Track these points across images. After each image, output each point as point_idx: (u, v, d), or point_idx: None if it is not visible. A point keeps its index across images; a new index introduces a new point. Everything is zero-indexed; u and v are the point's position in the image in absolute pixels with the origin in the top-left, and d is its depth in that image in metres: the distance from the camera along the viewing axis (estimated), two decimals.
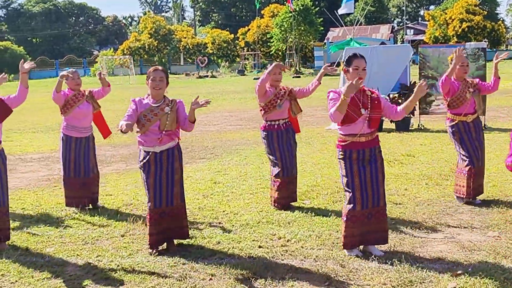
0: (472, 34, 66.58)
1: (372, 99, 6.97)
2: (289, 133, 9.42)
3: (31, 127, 22.49)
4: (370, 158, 6.99)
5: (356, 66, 6.91)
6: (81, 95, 9.82)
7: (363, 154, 6.97)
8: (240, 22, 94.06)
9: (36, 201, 10.54)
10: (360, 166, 6.95)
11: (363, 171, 6.95)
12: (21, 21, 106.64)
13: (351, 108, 6.84)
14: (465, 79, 9.35)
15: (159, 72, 7.44)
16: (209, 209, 9.55)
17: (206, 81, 57.23)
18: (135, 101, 7.46)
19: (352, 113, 6.85)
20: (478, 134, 9.32)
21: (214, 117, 24.55)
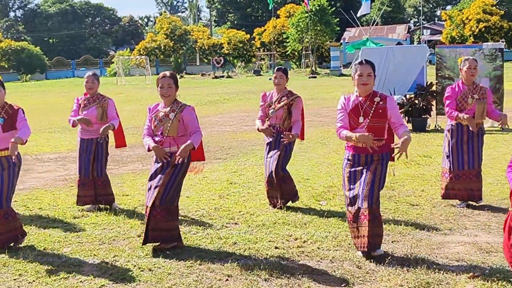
0: (489, 34, 66.25)
1: (377, 107, 6.94)
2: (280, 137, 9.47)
3: (48, 127, 22.58)
4: (365, 162, 7.00)
5: (360, 73, 6.92)
6: (93, 100, 9.80)
7: (359, 159, 7.00)
8: (256, 22, 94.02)
9: (53, 201, 10.58)
10: (352, 168, 7.03)
11: (354, 173, 7.01)
12: (38, 22, 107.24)
13: (351, 116, 6.96)
14: (474, 83, 9.26)
15: (167, 79, 7.49)
16: (225, 209, 9.56)
17: (222, 81, 57.28)
18: (150, 108, 7.68)
19: (351, 122, 6.93)
20: (471, 139, 9.21)
21: (230, 118, 24.56)
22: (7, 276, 6.80)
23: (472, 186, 9.26)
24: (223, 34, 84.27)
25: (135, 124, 21.58)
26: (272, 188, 9.46)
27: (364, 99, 6.97)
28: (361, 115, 6.87)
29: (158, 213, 7.41)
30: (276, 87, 9.53)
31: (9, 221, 7.78)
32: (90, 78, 9.83)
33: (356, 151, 6.99)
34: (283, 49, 74.46)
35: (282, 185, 9.44)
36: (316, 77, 56.77)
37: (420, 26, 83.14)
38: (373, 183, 6.91)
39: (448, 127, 9.35)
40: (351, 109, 6.95)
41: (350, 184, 7.00)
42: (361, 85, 6.94)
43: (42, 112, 29.71)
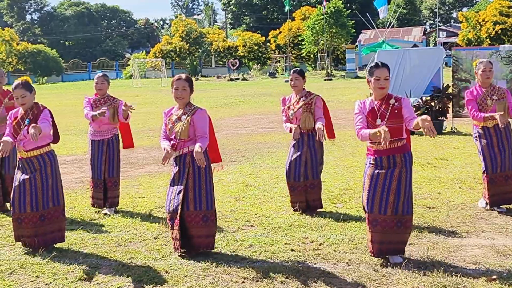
0: (505, 36, 65.86)
1: (392, 108, 6.92)
2: (314, 136, 9.34)
3: (64, 129, 22.65)
4: (388, 165, 6.95)
5: (378, 77, 6.88)
6: (103, 101, 9.83)
7: (381, 161, 6.95)
8: (272, 25, 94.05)
9: (69, 203, 10.60)
10: (375, 171, 6.96)
11: (377, 176, 6.94)
12: (54, 24, 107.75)
13: (368, 120, 6.93)
14: (491, 85, 9.21)
15: (182, 81, 7.47)
16: (241, 212, 9.56)
17: (237, 83, 57.32)
18: (165, 112, 7.72)
19: (368, 125, 6.92)
20: (501, 140, 9.14)
21: (245, 120, 24.57)
22: (24, 278, 6.84)
23: (506, 189, 9.17)
24: (238, 37, 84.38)
25: (151, 127, 21.60)
26: (295, 193, 9.37)
27: (379, 102, 6.95)
28: (378, 117, 6.84)
29: (193, 219, 7.38)
30: (293, 89, 9.48)
31: (45, 223, 7.84)
32: (100, 79, 9.88)
33: (378, 154, 6.95)
34: (298, 51, 74.52)
35: (309, 190, 9.33)
36: (331, 80, 56.70)
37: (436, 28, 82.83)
38: (399, 191, 6.91)
39: (475, 134, 9.23)
40: (368, 112, 6.94)
41: (370, 187, 6.95)
42: (378, 89, 6.91)
43: (58, 114, 29.74)
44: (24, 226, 7.74)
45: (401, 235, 6.93)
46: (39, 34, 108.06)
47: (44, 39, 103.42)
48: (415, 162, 12.83)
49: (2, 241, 8.34)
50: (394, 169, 6.90)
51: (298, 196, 9.33)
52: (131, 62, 73.34)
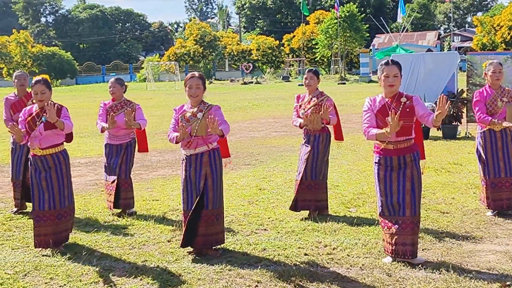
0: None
1: (404, 106, 6.91)
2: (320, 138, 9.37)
3: (78, 131, 22.73)
4: (399, 166, 6.94)
5: (387, 74, 6.89)
6: (120, 106, 9.87)
7: (391, 162, 6.94)
8: (285, 29, 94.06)
9: (83, 205, 10.65)
10: (387, 173, 6.95)
11: (389, 178, 6.93)
12: (69, 27, 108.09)
13: (379, 117, 6.90)
14: (501, 87, 9.17)
15: (196, 80, 7.50)
16: (254, 215, 9.56)
17: (251, 87, 57.34)
18: (176, 109, 7.70)
19: (379, 122, 6.88)
20: (506, 145, 9.08)
21: (259, 123, 24.58)
22: (39, 280, 6.87)
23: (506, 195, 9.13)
24: (252, 40, 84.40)
25: (165, 130, 21.60)
26: (302, 191, 9.36)
27: (390, 100, 6.96)
28: (388, 115, 6.82)
29: (209, 217, 7.47)
30: (307, 88, 9.48)
31: (61, 222, 7.89)
32: (112, 83, 9.97)
33: (386, 153, 6.95)
34: (312, 55, 74.50)
35: (313, 191, 9.37)
36: (345, 83, 56.68)
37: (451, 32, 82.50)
38: (413, 191, 6.93)
39: (480, 134, 9.22)
40: (379, 110, 6.93)
41: (386, 189, 6.95)
42: (388, 86, 6.92)
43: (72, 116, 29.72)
44: (42, 224, 7.79)
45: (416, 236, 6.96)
46: (53, 37, 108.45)
47: (59, 41, 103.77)
48: (429, 167, 12.81)
49: (17, 242, 8.37)
50: (406, 169, 6.92)
51: (299, 194, 9.35)
52: (145, 65, 73.51)
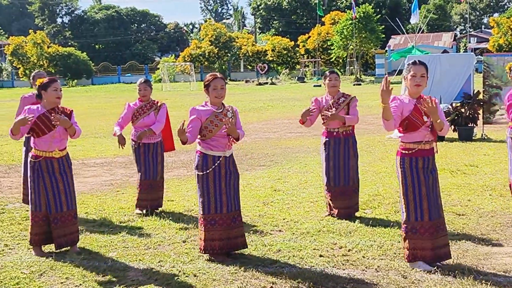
0: None
1: None
2: (348, 142, 9.31)
3: (94, 132, 22.84)
4: (433, 167, 6.93)
5: (414, 73, 6.84)
6: (149, 106, 9.94)
7: (428, 162, 6.89)
8: (301, 29, 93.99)
9: (99, 206, 10.69)
10: (426, 175, 6.87)
11: (428, 179, 6.87)
12: (85, 28, 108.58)
13: (415, 116, 6.79)
14: None
15: (220, 80, 7.41)
16: (269, 216, 9.55)
17: (265, 88, 57.36)
18: (197, 110, 7.46)
19: (416, 121, 6.79)
20: None
21: (274, 124, 24.58)
22: (54, 280, 6.89)
23: None
24: (267, 41, 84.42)
25: None
26: (334, 197, 9.28)
27: (418, 100, 6.91)
28: (423, 114, 6.78)
29: (237, 218, 7.50)
30: (331, 89, 9.30)
31: (75, 221, 7.98)
32: (143, 86, 9.98)
33: (420, 155, 6.86)
34: (327, 56, 74.43)
35: (345, 195, 9.26)
36: (360, 84, 56.58)
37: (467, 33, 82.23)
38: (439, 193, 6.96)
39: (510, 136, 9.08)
40: (414, 110, 6.81)
41: (421, 193, 6.87)
42: (414, 86, 6.86)
43: (88, 117, 30.03)
44: (60, 226, 7.79)
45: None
46: (69, 37, 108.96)
47: (75, 42, 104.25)
48: (445, 168, 12.77)
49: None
50: (434, 171, 6.89)
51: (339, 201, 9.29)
52: (160, 66, 73.71)
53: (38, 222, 7.78)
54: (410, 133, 6.85)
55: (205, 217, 7.35)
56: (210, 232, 7.34)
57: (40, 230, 7.81)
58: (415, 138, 6.85)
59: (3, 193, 12.10)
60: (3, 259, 7.72)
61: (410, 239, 6.88)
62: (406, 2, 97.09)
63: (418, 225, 6.85)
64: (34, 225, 7.82)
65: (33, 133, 7.72)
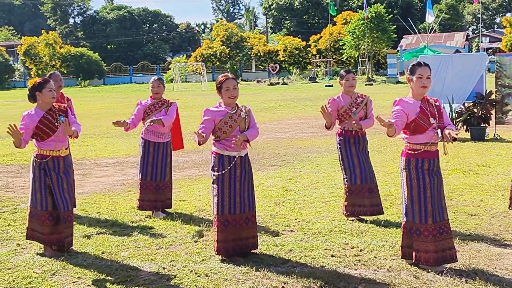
0: None
1: (437, 108, 6.92)
2: (364, 141, 9.31)
3: (106, 132, 22.90)
4: (437, 168, 6.91)
5: (420, 75, 6.81)
6: (161, 104, 9.93)
7: (433, 164, 6.87)
8: (312, 29, 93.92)
9: (111, 205, 10.72)
10: (431, 177, 6.85)
11: (433, 182, 6.85)
12: (97, 28, 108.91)
13: (421, 118, 6.78)
14: None
15: (232, 81, 7.40)
16: (281, 216, 9.55)
17: (277, 88, 57.34)
18: (210, 111, 7.43)
19: (422, 123, 6.78)
20: None
21: (285, 124, 24.57)
22: (66, 279, 6.92)
23: None
24: (279, 41, 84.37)
25: (191, 130, 21.61)
26: (353, 197, 9.21)
27: (424, 102, 6.90)
28: (429, 116, 6.78)
29: (250, 219, 7.49)
30: (349, 89, 9.23)
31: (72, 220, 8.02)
32: (156, 83, 9.97)
33: (426, 156, 6.85)
34: (339, 56, 74.35)
35: (367, 195, 9.17)
36: (372, 84, 56.46)
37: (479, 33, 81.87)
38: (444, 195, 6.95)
39: None
40: (420, 112, 6.79)
41: (426, 195, 6.86)
42: (420, 88, 6.83)
43: (100, 117, 30.11)
44: (68, 226, 7.81)
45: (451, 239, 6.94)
46: (81, 38, 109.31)
47: (87, 42, 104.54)
48: (457, 168, 12.73)
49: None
50: (438, 173, 6.87)
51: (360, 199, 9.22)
52: (172, 66, 73.80)
53: (45, 222, 7.79)
54: (417, 135, 6.83)
55: (219, 218, 7.35)
56: (223, 233, 7.34)
57: (46, 230, 7.81)
58: (422, 139, 6.83)
59: (15, 192, 12.15)
60: (16, 258, 7.76)
61: (414, 241, 6.88)
62: (418, 2, 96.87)
63: (422, 228, 6.82)
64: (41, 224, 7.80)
65: (37, 137, 7.70)
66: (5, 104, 45.48)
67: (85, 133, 21.58)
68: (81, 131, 8.01)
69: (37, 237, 7.87)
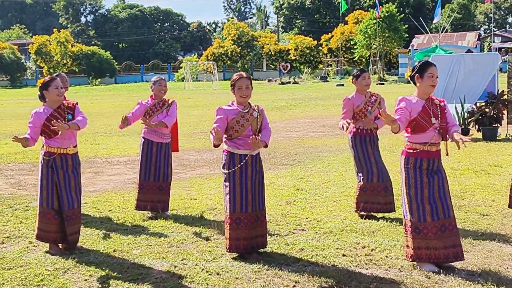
0: None
1: (441, 108, 6.90)
2: (377, 140, 9.35)
3: (117, 130, 22.88)
4: (438, 168, 6.89)
5: (431, 73, 6.83)
6: (162, 104, 9.87)
7: (433, 164, 6.86)
8: (324, 29, 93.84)
9: (122, 204, 10.74)
10: (429, 176, 6.85)
11: (432, 181, 6.84)
12: (108, 27, 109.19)
13: (422, 117, 6.79)
14: None
15: (245, 80, 7.41)
16: (292, 215, 9.54)
17: (288, 87, 57.31)
18: (223, 109, 7.43)
19: (423, 122, 6.78)
20: None
21: (296, 124, 24.55)
22: (78, 276, 6.94)
23: None
24: (290, 40, 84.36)
25: (203, 129, 21.68)
26: (368, 194, 9.20)
27: (428, 101, 6.91)
28: (432, 116, 6.78)
29: (260, 218, 7.50)
30: (364, 88, 9.26)
31: (80, 220, 8.06)
32: (164, 82, 9.94)
33: (418, 155, 6.86)
34: (350, 55, 74.29)
35: (382, 193, 9.20)
36: (383, 84, 56.37)
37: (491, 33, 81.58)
38: (449, 192, 6.92)
39: None
40: (422, 111, 6.81)
41: (423, 194, 6.85)
42: (431, 86, 6.85)
43: (112, 115, 30.18)
44: (72, 223, 7.82)
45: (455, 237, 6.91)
46: (93, 36, 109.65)
47: (98, 41, 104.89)
48: (469, 168, 12.69)
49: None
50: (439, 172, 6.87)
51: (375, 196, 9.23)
52: (183, 64, 73.88)
53: (51, 220, 7.79)
54: (418, 134, 6.84)
55: (230, 216, 7.36)
56: (235, 231, 7.34)
57: (53, 228, 7.82)
58: (422, 139, 6.86)
59: (27, 190, 12.20)
60: (27, 256, 7.79)
61: (414, 239, 6.88)
62: (429, 1, 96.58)
63: (421, 226, 6.83)
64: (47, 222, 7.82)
65: (45, 134, 7.76)
66: (17, 102, 45.70)
67: (96, 132, 21.64)
68: (92, 128, 8.03)
69: (44, 236, 7.89)
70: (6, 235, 8.83)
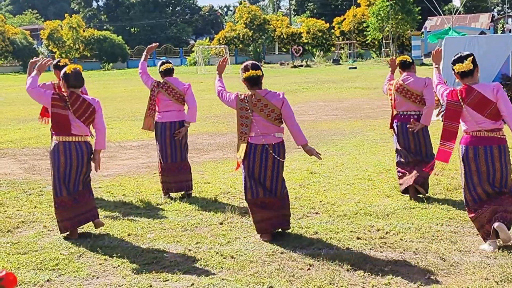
0: None
1: None
2: None
3: (130, 115, 22.93)
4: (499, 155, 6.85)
5: None
6: None
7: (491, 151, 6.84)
8: (336, 11, 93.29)
9: (136, 188, 10.75)
10: (478, 165, 6.85)
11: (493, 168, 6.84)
12: (120, 11, 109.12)
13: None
14: None
15: None
16: (305, 199, 9.54)
17: (300, 70, 57.14)
18: (239, 97, 7.74)
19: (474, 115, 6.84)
20: None
21: (309, 107, 24.48)
22: (93, 260, 6.96)
23: None
24: (302, 23, 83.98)
25: (215, 113, 21.66)
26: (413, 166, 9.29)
27: None
28: None
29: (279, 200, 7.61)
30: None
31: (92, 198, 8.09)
32: None
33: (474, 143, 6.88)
34: (363, 38, 73.83)
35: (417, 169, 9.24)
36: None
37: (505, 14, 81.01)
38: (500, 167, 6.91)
39: None
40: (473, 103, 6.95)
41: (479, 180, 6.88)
42: None
43: (124, 100, 30.20)
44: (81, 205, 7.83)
45: None
46: (105, 21, 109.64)
47: (110, 25, 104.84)
48: None
49: None
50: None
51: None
52: (195, 48, 73.68)
53: (66, 206, 7.78)
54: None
55: (252, 201, 7.51)
56: (259, 214, 7.49)
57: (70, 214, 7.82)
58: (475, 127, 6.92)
59: (41, 175, 12.23)
60: (42, 240, 7.82)
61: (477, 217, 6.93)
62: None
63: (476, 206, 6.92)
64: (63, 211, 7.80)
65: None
66: None
67: (109, 116, 21.65)
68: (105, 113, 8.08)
69: (67, 226, 7.88)
70: (21, 219, 8.86)
